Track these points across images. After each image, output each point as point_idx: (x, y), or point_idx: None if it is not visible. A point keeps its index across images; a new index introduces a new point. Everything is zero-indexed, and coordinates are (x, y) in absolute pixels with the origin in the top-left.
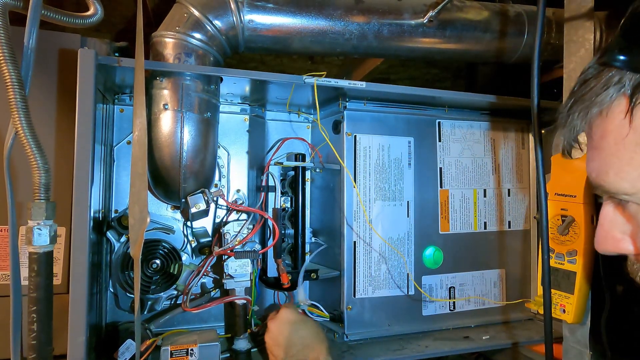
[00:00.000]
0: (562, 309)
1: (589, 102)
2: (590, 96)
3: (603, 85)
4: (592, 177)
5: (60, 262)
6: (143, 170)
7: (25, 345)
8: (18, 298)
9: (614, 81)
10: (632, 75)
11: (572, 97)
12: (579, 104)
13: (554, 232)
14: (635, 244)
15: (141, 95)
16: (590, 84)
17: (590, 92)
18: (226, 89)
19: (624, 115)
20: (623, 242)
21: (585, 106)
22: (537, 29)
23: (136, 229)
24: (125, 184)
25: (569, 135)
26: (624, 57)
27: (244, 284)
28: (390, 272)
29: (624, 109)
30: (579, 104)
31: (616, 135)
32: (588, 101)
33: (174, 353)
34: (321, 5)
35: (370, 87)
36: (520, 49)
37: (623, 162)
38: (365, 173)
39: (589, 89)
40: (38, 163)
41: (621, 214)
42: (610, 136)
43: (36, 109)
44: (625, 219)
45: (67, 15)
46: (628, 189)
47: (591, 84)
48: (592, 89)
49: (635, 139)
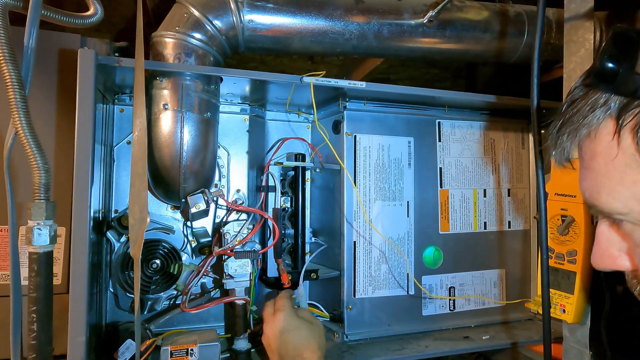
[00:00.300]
0: (562, 309)
1: (577, 124)
2: (578, 118)
3: (590, 107)
4: (586, 197)
5: (60, 262)
6: (143, 170)
7: (25, 345)
8: (18, 298)
9: (600, 103)
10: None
11: (560, 118)
12: (568, 126)
13: (554, 232)
14: (632, 260)
15: (141, 95)
16: (577, 104)
17: (578, 113)
18: (226, 89)
19: (612, 136)
20: (620, 259)
21: (573, 128)
22: (537, 29)
23: (136, 229)
24: (125, 184)
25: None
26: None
27: (244, 284)
28: (390, 272)
29: (611, 131)
30: (567, 126)
31: (605, 156)
32: (576, 123)
33: (174, 353)
34: (321, 5)
35: (370, 87)
36: (520, 49)
37: (614, 183)
38: (365, 173)
39: (577, 111)
40: (38, 163)
41: (616, 232)
42: (600, 157)
43: (36, 109)
44: (621, 237)
45: (67, 15)
46: (621, 209)
47: (578, 105)
48: (579, 110)
49: (625, 159)
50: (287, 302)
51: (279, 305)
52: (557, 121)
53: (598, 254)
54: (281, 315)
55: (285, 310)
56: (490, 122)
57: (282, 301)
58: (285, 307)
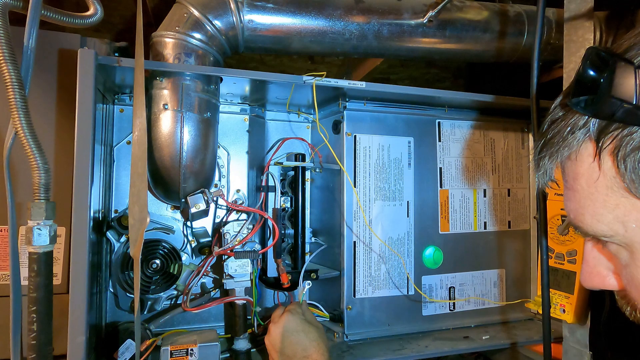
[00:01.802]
0: (562, 309)
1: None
2: (559, 139)
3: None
4: (571, 218)
5: (60, 262)
6: (143, 170)
7: (25, 345)
8: (18, 298)
9: (579, 124)
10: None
11: (541, 138)
12: (549, 147)
13: (554, 232)
14: (619, 280)
15: (141, 95)
16: (557, 125)
17: (558, 135)
18: (226, 89)
19: (593, 158)
20: (608, 278)
21: (555, 150)
22: (537, 29)
23: (136, 229)
24: (125, 184)
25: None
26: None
27: (243, 284)
28: (390, 272)
29: (591, 153)
30: (548, 147)
31: (587, 178)
32: (557, 145)
33: (174, 353)
34: (321, 5)
35: (370, 87)
36: (520, 49)
37: (597, 205)
38: (365, 173)
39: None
40: (38, 163)
41: (600, 251)
42: (582, 179)
43: (36, 109)
44: (607, 258)
45: (67, 15)
46: (605, 232)
47: (558, 125)
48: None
49: (606, 182)
50: (296, 307)
51: (289, 308)
52: (538, 142)
53: (587, 272)
54: (289, 316)
55: (294, 313)
56: (490, 122)
57: (291, 305)
58: (294, 310)
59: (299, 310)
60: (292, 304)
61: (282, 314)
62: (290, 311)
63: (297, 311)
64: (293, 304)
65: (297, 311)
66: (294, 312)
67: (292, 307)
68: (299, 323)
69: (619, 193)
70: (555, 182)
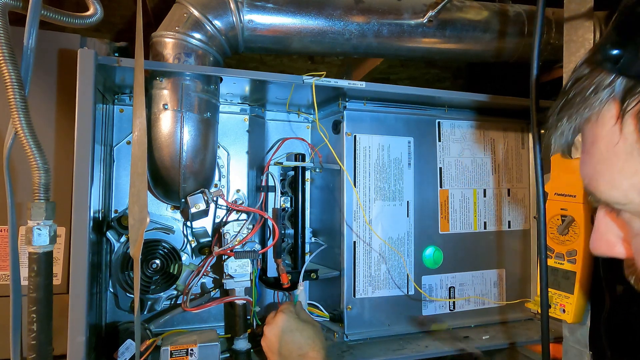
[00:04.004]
0: (562, 308)
1: (579, 106)
2: (581, 99)
3: (594, 87)
4: (585, 184)
5: (60, 262)
6: (143, 170)
7: (25, 345)
8: (18, 298)
9: (604, 84)
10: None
11: (562, 97)
12: (569, 107)
13: (554, 232)
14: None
15: (141, 95)
16: (581, 84)
17: (581, 94)
18: (226, 89)
19: (615, 121)
20: (617, 246)
21: (575, 110)
22: (537, 29)
23: (136, 229)
24: (125, 184)
25: (559, 140)
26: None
27: (243, 284)
28: (390, 272)
29: (614, 115)
30: (569, 107)
31: (607, 142)
32: (578, 105)
33: (174, 353)
34: (321, 5)
35: (370, 87)
36: (520, 49)
37: (614, 171)
38: (365, 173)
39: (580, 91)
40: (38, 163)
41: (614, 220)
42: (602, 142)
43: (36, 109)
44: (618, 225)
45: (67, 15)
46: (620, 199)
47: (583, 84)
48: (582, 90)
49: (626, 147)
50: (289, 306)
51: (281, 308)
52: (559, 101)
53: (596, 239)
54: (283, 316)
55: (287, 312)
56: (490, 122)
57: (284, 305)
58: (287, 309)
59: (292, 309)
60: (284, 304)
61: (275, 315)
62: (283, 311)
63: (290, 310)
64: (285, 303)
65: (290, 310)
66: (287, 312)
67: (285, 307)
68: (292, 322)
69: (638, 159)
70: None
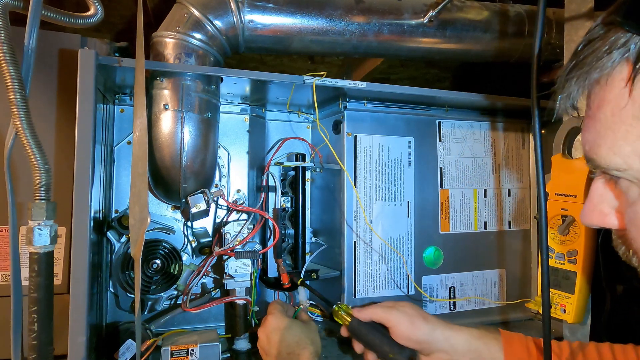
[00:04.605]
0: (563, 309)
1: (589, 67)
2: (592, 60)
3: (607, 47)
4: (586, 150)
5: (61, 262)
6: (143, 171)
7: (25, 346)
8: (18, 298)
9: (619, 44)
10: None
11: (573, 59)
12: (579, 68)
13: (555, 232)
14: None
15: (141, 95)
16: (594, 45)
17: (593, 54)
18: (226, 89)
19: (625, 83)
20: (609, 217)
21: (585, 71)
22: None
23: (136, 229)
24: (126, 184)
25: (565, 102)
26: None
27: (244, 284)
28: (391, 272)
29: (625, 77)
30: (578, 68)
31: (614, 106)
32: (589, 65)
33: (175, 353)
34: (321, 5)
35: (371, 87)
36: (520, 49)
37: (618, 136)
38: (366, 173)
39: (592, 52)
40: (38, 163)
41: (612, 189)
42: (608, 106)
43: (36, 109)
44: (615, 195)
45: (67, 15)
46: (620, 165)
47: (595, 44)
48: (594, 51)
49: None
50: (277, 306)
51: (270, 309)
52: (569, 62)
53: (589, 209)
54: (271, 317)
55: (274, 313)
56: (490, 122)
57: (272, 306)
58: (275, 309)
59: (280, 308)
60: (272, 305)
61: (265, 317)
62: (271, 312)
63: (277, 310)
64: (273, 303)
65: (277, 310)
66: (275, 312)
67: (272, 307)
68: (280, 322)
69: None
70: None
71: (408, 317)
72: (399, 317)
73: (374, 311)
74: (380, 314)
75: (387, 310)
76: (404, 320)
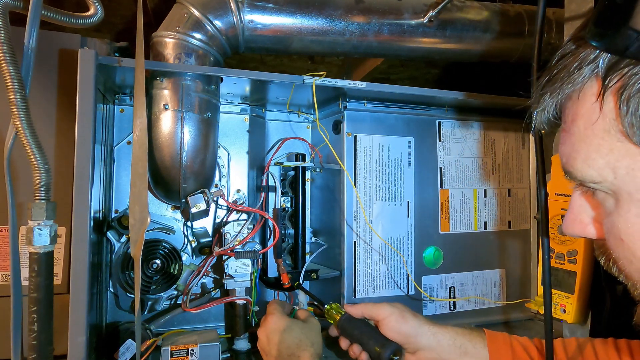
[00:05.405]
0: (563, 309)
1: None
2: (564, 75)
3: (578, 63)
4: (562, 163)
5: (61, 262)
6: (143, 171)
7: (25, 346)
8: (18, 298)
9: (588, 60)
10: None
11: (547, 74)
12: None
13: (555, 232)
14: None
15: (141, 95)
16: (566, 60)
17: (565, 70)
18: (226, 89)
19: (595, 98)
20: (589, 227)
21: (558, 86)
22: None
23: (136, 229)
24: (126, 184)
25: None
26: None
27: (244, 284)
28: (391, 272)
29: (595, 92)
30: (552, 83)
31: (586, 120)
32: (561, 81)
33: (175, 353)
34: (321, 5)
35: (371, 87)
36: (521, 49)
37: (591, 149)
38: (366, 173)
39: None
40: (38, 163)
41: (589, 200)
42: (581, 120)
43: (36, 109)
44: (592, 206)
45: (67, 15)
46: (594, 177)
47: (567, 60)
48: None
49: (604, 125)
50: (277, 305)
51: (269, 309)
52: (543, 77)
53: (570, 219)
54: (270, 317)
55: (274, 313)
56: (490, 122)
57: (271, 305)
58: (275, 310)
59: (279, 308)
60: (271, 304)
61: (264, 317)
62: (271, 312)
63: (276, 310)
64: (272, 303)
65: (276, 310)
66: (275, 312)
67: (272, 307)
68: (280, 322)
69: (615, 137)
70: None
71: (399, 310)
72: (391, 309)
73: (366, 306)
74: (372, 307)
75: (379, 305)
76: (395, 312)
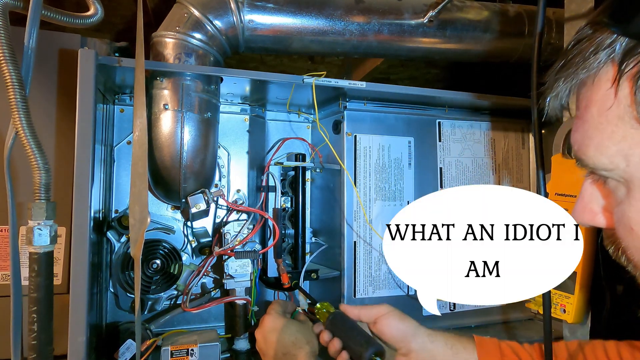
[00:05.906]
0: (563, 308)
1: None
2: (579, 60)
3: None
4: (574, 150)
5: (61, 262)
6: (144, 170)
7: (25, 345)
8: (18, 298)
9: (605, 44)
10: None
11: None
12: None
13: None
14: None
15: (141, 95)
16: (582, 45)
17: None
18: (226, 89)
19: (611, 84)
20: (599, 216)
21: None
22: (537, 29)
23: (136, 229)
24: (126, 184)
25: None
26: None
27: (244, 284)
28: (391, 272)
29: (610, 78)
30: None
31: (600, 106)
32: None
33: (175, 353)
34: (321, 5)
35: (370, 87)
36: (521, 49)
37: (604, 136)
38: (366, 173)
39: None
40: (38, 163)
41: (600, 189)
42: (595, 107)
43: (36, 109)
44: (603, 194)
45: (67, 15)
46: (607, 165)
47: (583, 45)
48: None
49: (618, 111)
50: (275, 306)
51: (268, 309)
52: (558, 62)
53: (579, 208)
54: (268, 317)
55: (271, 313)
56: (490, 122)
57: (271, 305)
58: (272, 310)
59: (278, 308)
60: (271, 305)
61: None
62: (269, 312)
63: (275, 310)
64: (273, 303)
65: (275, 310)
66: (272, 312)
67: (271, 308)
68: (276, 322)
69: (629, 124)
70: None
71: (398, 311)
72: (391, 308)
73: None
74: (370, 307)
75: (378, 304)
76: (395, 311)
